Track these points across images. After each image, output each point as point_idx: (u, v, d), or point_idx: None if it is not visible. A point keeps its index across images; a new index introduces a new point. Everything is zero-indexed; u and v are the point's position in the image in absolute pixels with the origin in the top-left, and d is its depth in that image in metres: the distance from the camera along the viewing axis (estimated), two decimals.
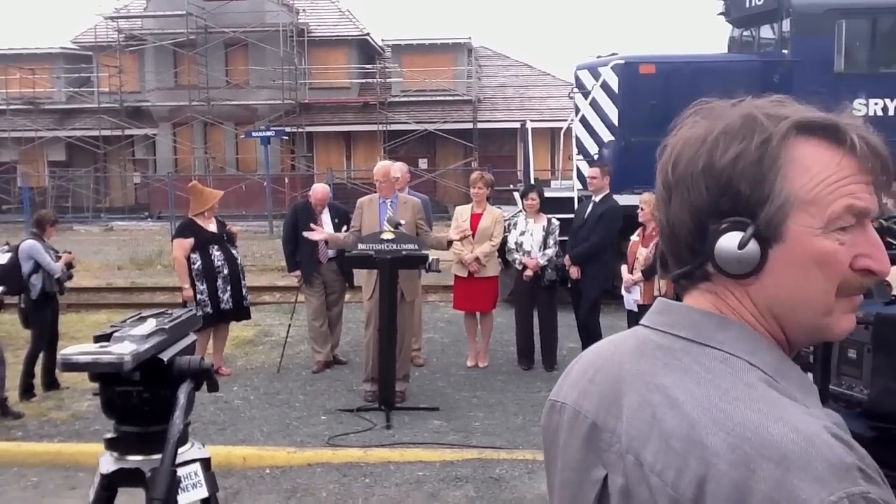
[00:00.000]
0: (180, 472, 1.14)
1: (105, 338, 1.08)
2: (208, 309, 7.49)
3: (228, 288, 7.60)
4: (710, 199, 0.93)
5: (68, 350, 1.04)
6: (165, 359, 1.10)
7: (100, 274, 15.30)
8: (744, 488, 0.79)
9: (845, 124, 0.93)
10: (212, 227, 7.69)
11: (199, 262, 7.52)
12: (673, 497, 0.84)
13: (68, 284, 7.65)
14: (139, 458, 1.14)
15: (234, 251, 7.78)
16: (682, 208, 0.96)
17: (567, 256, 7.69)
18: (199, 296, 7.48)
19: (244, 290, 7.83)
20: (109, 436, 1.14)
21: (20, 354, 7.57)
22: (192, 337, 1.22)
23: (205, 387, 1.17)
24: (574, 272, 7.61)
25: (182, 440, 1.10)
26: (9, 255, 7.06)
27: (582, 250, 7.59)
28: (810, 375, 1.19)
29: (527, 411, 6.68)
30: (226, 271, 7.60)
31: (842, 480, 0.78)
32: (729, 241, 0.92)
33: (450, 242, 7.24)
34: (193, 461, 1.18)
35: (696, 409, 0.86)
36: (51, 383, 7.48)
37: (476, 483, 5.24)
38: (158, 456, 1.11)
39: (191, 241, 7.56)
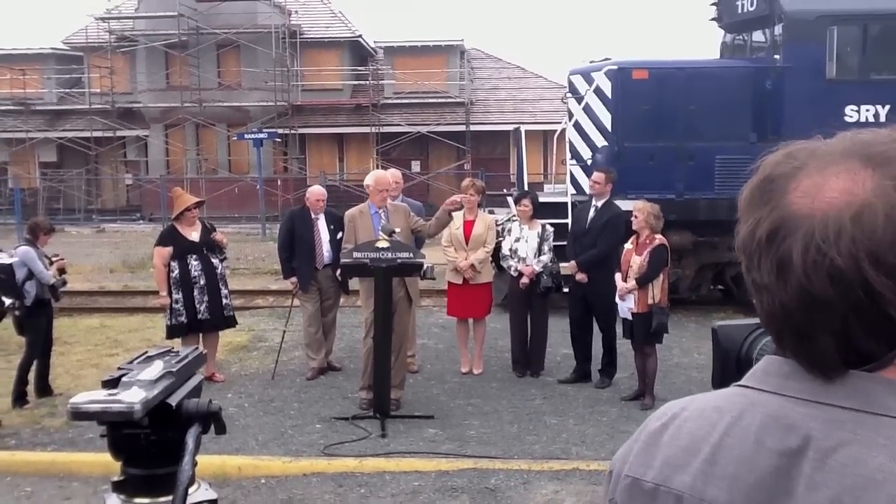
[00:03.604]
0: None
1: (113, 383, 1.08)
2: (182, 318, 7.53)
3: (205, 298, 7.55)
4: None
5: (78, 398, 1.04)
6: (173, 403, 1.10)
7: (92, 277, 15.25)
8: None
9: None
10: (193, 234, 7.66)
11: (176, 271, 7.52)
12: None
13: (62, 290, 7.61)
14: (146, 500, 1.14)
15: (214, 260, 7.70)
16: None
17: (573, 263, 7.69)
18: (174, 305, 7.51)
19: (225, 300, 7.73)
20: (116, 478, 1.13)
21: (13, 360, 7.54)
22: (198, 377, 1.22)
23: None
24: (581, 278, 7.62)
25: (190, 482, 1.10)
26: (14, 259, 7.03)
27: (590, 257, 7.57)
28: None
29: (522, 419, 6.69)
30: (202, 281, 7.55)
31: None
32: None
33: (448, 213, 7.07)
34: (201, 503, 1.17)
35: None
36: (43, 389, 7.44)
37: (471, 493, 5.24)
38: (165, 499, 1.11)
39: (169, 249, 7.57)
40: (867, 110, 10.77)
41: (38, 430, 6.59)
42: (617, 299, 7.19)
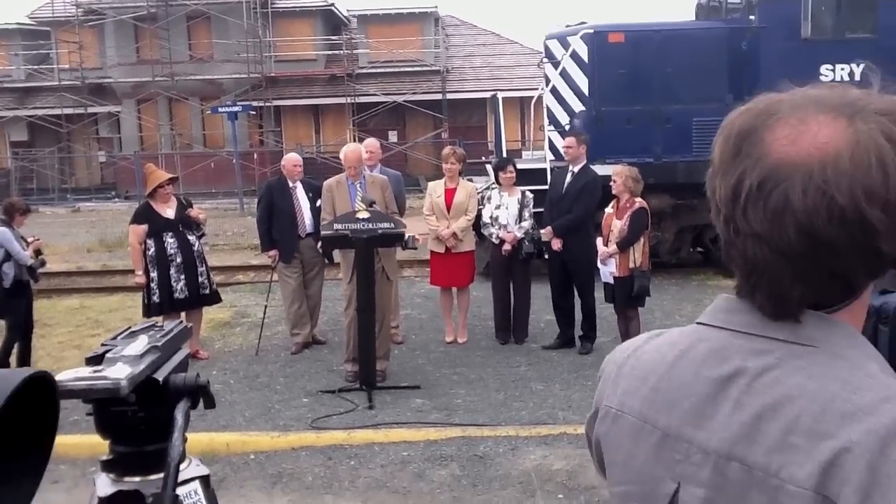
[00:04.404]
0: (180, 491, 1.11)
1: (97, 359, 1.05)
2: (156, 298, 7.42)
3: (182, 277, 7.45)
4: None
5: (62, 376, 1.00)
6: (160, 378, 1.07)
7: (69, 257, 15.08)
8: (878, 471, 0.77)
9: None
10: (169, 211, 7.52)
11: (152, 249, 7.40)
12: (799, 493, 0.81)
13: (40, 271, 7.51)
14: (137, 479, 1.11)
15: (191, 237, 7.56)
16: None
17: (549, 228, 7.65)
18: (150, 284, 7.41)
19: (203, 278, 7.60)
20: (105, 457, 1.10)
21: None
22: (185, 351, 1.19)
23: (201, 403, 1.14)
24: (556, 244, 7.60)
25: (181, 459, 1.07)
26: None
27: (566, 222, 7.55)
28: None
29: (507, 386, 6.72)
30: (179, 259, 7.43)
31: None
32: None
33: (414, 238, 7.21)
34: (193, 479, 1.15)
35: (814, 403, 0.83)
36: None
37: (461, 461, 5.27)
38: (156, 476, 1.09)
39: (144, 227, 7.43)
40: (842, 69, 10.79)
41: None
42: (599, 264, 7.20)
